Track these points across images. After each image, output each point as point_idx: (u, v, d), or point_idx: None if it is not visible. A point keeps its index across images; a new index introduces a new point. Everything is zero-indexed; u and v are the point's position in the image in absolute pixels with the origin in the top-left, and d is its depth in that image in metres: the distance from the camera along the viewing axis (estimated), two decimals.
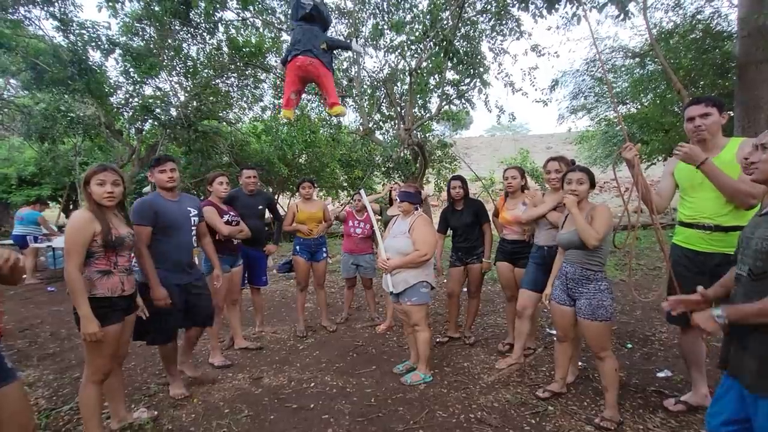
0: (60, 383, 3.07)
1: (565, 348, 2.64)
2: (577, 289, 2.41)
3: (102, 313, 2.04)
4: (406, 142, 7.83)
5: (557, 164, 2.93)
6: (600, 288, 2.36)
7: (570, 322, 2.52)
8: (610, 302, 2.35)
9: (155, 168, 2.66)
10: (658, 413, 2.48)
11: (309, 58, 3.35)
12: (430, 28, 6.56)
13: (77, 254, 2.00)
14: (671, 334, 3.78)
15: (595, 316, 2.33)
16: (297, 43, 3.36)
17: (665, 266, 2.09)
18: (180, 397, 2.76)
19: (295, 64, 3.37)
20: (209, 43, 9.07)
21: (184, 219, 2.71)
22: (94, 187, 2.09)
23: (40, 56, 8.31)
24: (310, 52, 3.35)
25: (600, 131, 14.55)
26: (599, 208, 2.40)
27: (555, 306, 2.55)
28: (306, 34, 3.40)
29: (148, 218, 2.53)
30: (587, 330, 2.39)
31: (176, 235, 2.64)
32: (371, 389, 2.90)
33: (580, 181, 2.42)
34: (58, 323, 4.49)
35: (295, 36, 3.41)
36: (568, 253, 2.49)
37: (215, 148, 10.89)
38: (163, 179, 2.66)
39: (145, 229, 2.51)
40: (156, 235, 2.57)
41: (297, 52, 3.35)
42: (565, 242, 2.46)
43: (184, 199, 2.80)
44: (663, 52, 7.72)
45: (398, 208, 3.10)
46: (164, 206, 2.62)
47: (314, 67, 3.40)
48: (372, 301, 4.51)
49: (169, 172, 2.65)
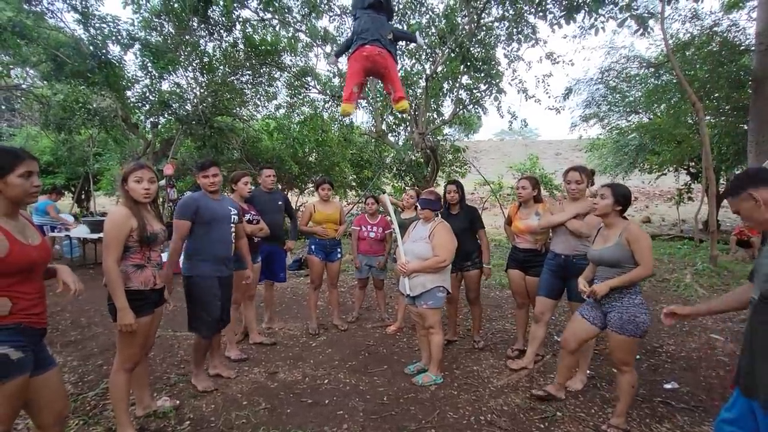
0: (84, 370, 3.18)
1: (566, 356, 2.66)
2: (610, 303, 2.39)
3: (135, 306, 2.13)
4: (419, 146, 7.90)
5: (578, 174, 2.95)
6: (634, 302, 2.32)
7: (585, 337, 2.53)
8: (645, 318, 2.31)
9: (200, 173, 2.85)
10: (664, 423, 2.54)
11: (378, 47, 3.16)
12: (448, 33, 6.62)
13: (115, 249, 2.10)
14: (678, 346, 3.83)
15: (624, 330, 2.31)
16: (364, 32, 3.16)
17: (673, 277, 2.14)
18: (209, 389, 2.84)
19: (362, 54, 3.17)
20: (226, 41, 9.19)
21: (224, 217, 2.88)
22: (132, 184, 2.18)
23: (60, 48, 8.47)
24: (378, 42, 3.16)
25: (611, 140, 14.51)
26: (636, 233, 2.32)
27: (577, 317, 2.57)
28: (375, 22, 3.22)
29: (189, 213, 2.71)
30: (612, 341, 2.38)
31: (216, 230, 2.80)
32: (383, 388, 2.99)
33: (603, 196, 2.41)
34: (78, 312, 4.63)
35: (362, 24, 3.21)
36: (600, 270, 2.47)
37: (228, 144, 11.03)
38: (206, 183, 2.85)
39: (184, 223, 2.69)
40: (198, 230, 2.73)
41: (364, 41, 3.15)
42: (596, 259, 2.45)
43: (225, 200, 2.99)
44: (679, 63, 7.72)
45: (419, 214, 3.18)
46: (206, 203, 2.80)
47: (382, 58, 3.22)
48: (382, 301, 4.60)
49: (212, 177, 2.84)
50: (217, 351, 3.10)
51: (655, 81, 10.50)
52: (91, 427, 2.43)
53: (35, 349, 1.62)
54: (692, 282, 5.87)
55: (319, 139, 11.46)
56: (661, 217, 17.70)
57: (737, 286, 6.40)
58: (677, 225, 14.93)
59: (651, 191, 22.51)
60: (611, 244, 2.38)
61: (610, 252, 2.37)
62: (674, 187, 15.47)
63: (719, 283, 6.14)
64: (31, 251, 1.58)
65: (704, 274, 6.45)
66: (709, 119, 10.19)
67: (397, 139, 10.35)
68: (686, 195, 14.16)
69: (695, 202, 12.71)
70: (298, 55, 9.97)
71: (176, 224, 2.70)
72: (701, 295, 5.51)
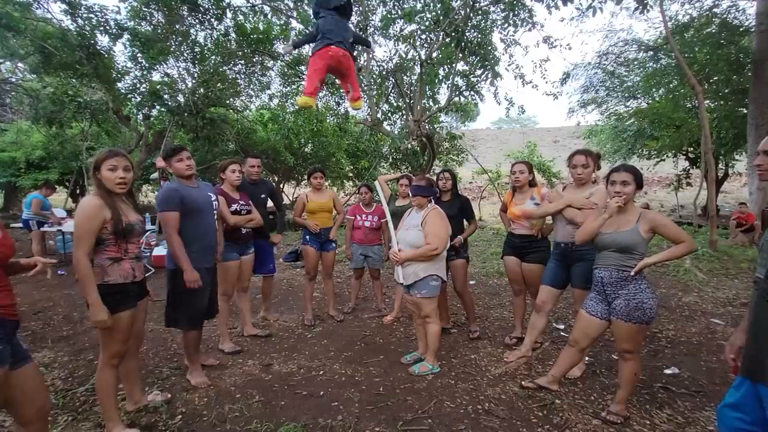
0: (75, 365, 3.13)
1: (573, 354, 2.58)
2: (615, 291, 2.29)
3: (116, 299, 2.05)
4: (415, 134, 7.78)
5: (584, 158, 2.84)
6: (640, 288, 2.23)
7: (593, 333, 2.44)
8: (652, 303, 2.22)
9: (172, 158, 2.71)
10: (664, 409, 2.50)
11: (342, 49, 3.31)
12: (443, 17, 6.47)
13: (86, 241, 1.97)
14: (678, 331, 3.79)
15: (630, 317, 2.22)
16: (329, 33, 3.29)
17: (672, 263, 2.06)
18: (203, 386, 2.76)
19: (327, 53, 3.29)
20: (217, 29, 9.01)
21: (207, 203, 2.79)
22: (105, 172, 2.03)
23: (48, 40, 8.28)
24: (342, 44, 3.30)
25: (609, 126, 14.41)
26: (658, 218, 2.27)
27: (583, 314, 2.47)
28: (338, 24, 3.36)
29: (175, 204, 2.58)
30: (618, 330, 2.29)
31: (202, 219, 2.72)
32: (379, 378, 2.94)
33: (625, 183, 2.27)
34: (71, 306, 4.56)
35: (326, 25, 3.34)
36: (601, 257, 2.37)
37: (222, 136, 10.90)
38: (181, 168, 2.71)
39: (173, 214, 2.57)
40: (183, 220, 2.62)
41: (330, 42, 3.28)
42: (607, 243, 2.31)
43: (202, 186, 2.87)
44: (678, 46, 7.59)
45: (412, 201, 3.10)
46: (188, 192, 2.69)
47: (346, 59, 3.38)
48: (379, 292, 4.54)
49: (186, 160, 2.71)
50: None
51: (654, 65, 10.38)
52: (80, 423, 2.37)
53: (11, 342, 1.56)
54: (692, 267, 5.83)
55: (314, 130, 11.34)
56: (659, 203, 17.67)
57: (737, 271, 6.33)
58: (676, 211, 14.91)
59: (650, 177, 22.46)
60: (627, 229, 2.27)
61: (625, 237, 2.26)
62: (673, 173, 15.43)
63: (719, 268, 6.10)
64: None
65: (704, 259, 6.42)
66: (708, 103, 10.09)
67: (392, 127, 10.23)
68: (685, 181, 14.12)
69: (694, 187, 12.65)
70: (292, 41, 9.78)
71: (165, 217, 2.57)
72: (701, 280, 5.47)
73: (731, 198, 17.15)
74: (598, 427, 2.33)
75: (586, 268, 2.64)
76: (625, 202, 2.27)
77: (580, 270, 2.80)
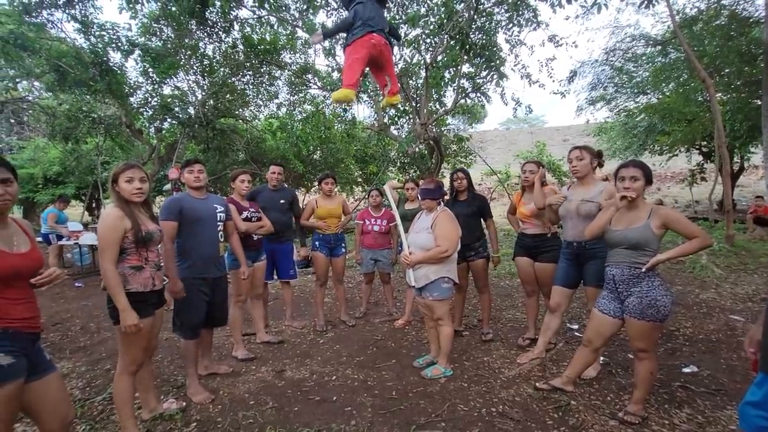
0: (93, 375, 3.19)
1: (587, 354, 2.54)
2: (627, 289, 2.26)
3: (135, 308, 2.10)
4: (422, 137, 7.79)
5: (578, 151, 2.86)
6: (653, 285, 2.19)
7: (606, 332, 2.39)
8: (666, 301, 2.17)
9: (185, 169, 2.82)
10: (684, 409, 2.45)
11: (383, 38, 3.06)
12: (446, 20, 6.49)
13: (111, 251, 2.06)
14: (696, 329, 3.71)
15: (644, 315, 2.18)
16: (370, 20, 3.02)
17: (688, 259, 2.03)
18: (206, 401, 2.70)
19: (370, 41, 3.00)
20: (225, 42, 9.18)
21: (209, 215, 2.84)
22: (122, 184, 2.14)
23: (62, 58, 8.53)
24: (382, 32, 3.06)
25: (619, 122, 14.22)
26: (671, 214, 2.23)
27: (596, 313, 2.42)
28: (379, 12, 3.12)
29: (174, 213, 2.67)
30: (631, 328, 2.25)
31: (201, 230, 2.76)
32: (392, 383, 2.93)
33: (634, 178, 2.23)
34: (87, 317, 4.65)
35: (367, 12, 3.06)
36: (612, 255, 2.34)
37: (232, 146, 11.06)
38: (190, 179, 2.82)
39: (170, 223, 2.65)
40: (183, 230, 2.70)
41: (372, 29, 3.00)
42: (618, 240, 2.28)
43: (211, 198, 2.95)
44: (686, 39, 7.49)
45: (421, 205, 3.11)
46: (190, 203, 2.76)
47: (387, 49, 3.13)
48: (390, 295, 4.54)
49: (197, 172, 2.82)
50: (207, 351, 3.08)
51: (663, 59, 10.23)
52: None
53: (29, 354, 1.60)
54: (708, 263, 5.71)
55: (322, 137, 11.43)
56: (673, 199, 17.35)
57: (756, 265, 6.19)
58: (691, 206, 14.62)
59: (662, 173, 22.06)
60: (638, 225, 2.24)
61: (637, 233, 2.22)
62: (686, 168, 15.14)
63: (737, 263, 5.97)
64: (15, 259, 1.57)
65: (721, 255, 6.28)
66: (720, 96, 9.90)
67: (400, 132, 10.26)
68: (699, 175, 13.84)
69: (708, 182, 12.39)
70: (297, 52, 9.92)
71: (163, 226, 2.64)
72: (718, 276, 5.35)
73: (748, 192, 16.76)
74: (615, 428, 2.29)
75: (599, 265, 2.60)
76: (635, 196, 2.24)
77: (593, 268, 2.76)
